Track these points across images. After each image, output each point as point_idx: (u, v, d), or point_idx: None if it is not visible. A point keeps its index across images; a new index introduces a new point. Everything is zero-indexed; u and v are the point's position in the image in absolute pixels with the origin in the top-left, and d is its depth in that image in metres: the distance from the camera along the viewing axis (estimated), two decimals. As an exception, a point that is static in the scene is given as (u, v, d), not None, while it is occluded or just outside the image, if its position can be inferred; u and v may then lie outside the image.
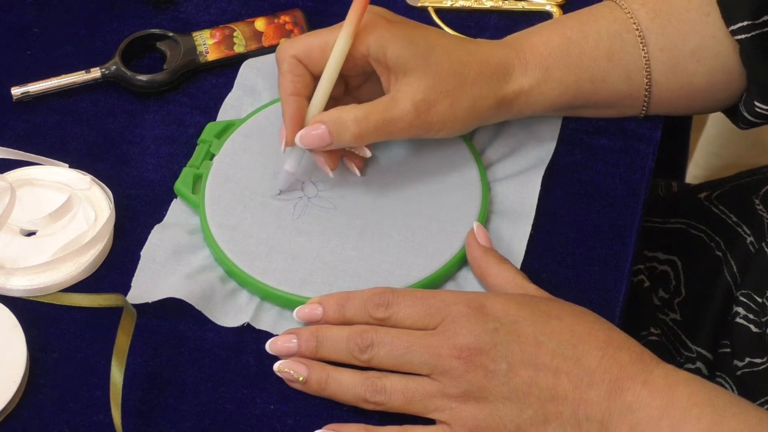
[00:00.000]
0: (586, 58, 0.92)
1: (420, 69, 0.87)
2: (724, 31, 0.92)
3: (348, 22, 0.86)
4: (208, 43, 1.00)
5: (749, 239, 1.02)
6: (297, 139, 0.87)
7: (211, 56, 0.99)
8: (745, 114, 0.95)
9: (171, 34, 1.00)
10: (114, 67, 0.98)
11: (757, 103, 0.93)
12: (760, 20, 0.90)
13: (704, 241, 1.06)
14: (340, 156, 0.90)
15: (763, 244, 1.01)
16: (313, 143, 0.86)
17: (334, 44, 0.86)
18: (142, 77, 0.97)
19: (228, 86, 0.98)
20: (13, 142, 0.94)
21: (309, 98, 0.88)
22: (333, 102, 0.89)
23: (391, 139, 0.88)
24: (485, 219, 0.90)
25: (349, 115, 0.86)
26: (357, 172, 0.91)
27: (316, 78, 0.88)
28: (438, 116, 0.87)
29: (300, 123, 0.87)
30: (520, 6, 1.05)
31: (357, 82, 0.92)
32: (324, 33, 0.88)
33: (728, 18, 0.91)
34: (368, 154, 0.90)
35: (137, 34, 1.00)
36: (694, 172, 1.63)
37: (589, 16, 0.94)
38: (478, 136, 0.95)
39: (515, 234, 0.90)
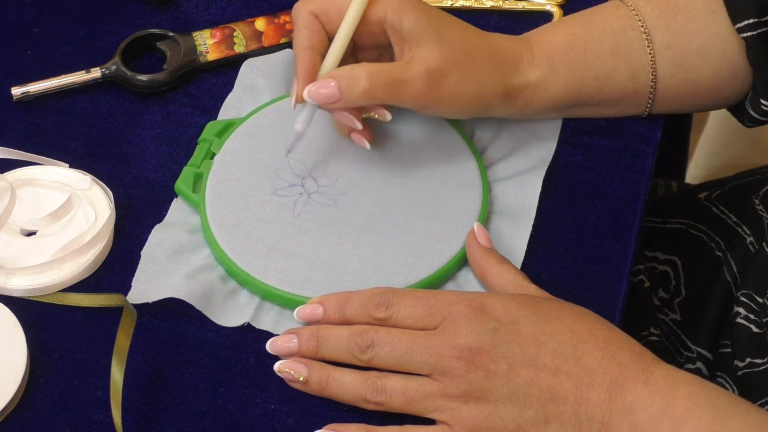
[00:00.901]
0: (591, 55, 0.92)
1: (434, 41, 0.87)
2: (729, 28, 0.92)
3: None
4: (208, 43, 1.00)
5: (749, 239, 1.03)
6: (305, 94, 0.86)
7: (211, 56, 0.99)
8: (751, 112, 0.95)
9: (171, 34, 1.00)
10: (114, 67, 0.98)
11: (763, 101, 0.93)
12: (766, 18, 0.90)
13: (704, 241, 1.06)
14: (370, 128, 0.90)
15: (764, 244, 1.01)
16: (322, 98, 0.86)
17: (350, 3, 0.86)
18: (142, 77, 0.97)
19: (228, 86, 0.98)
20: (13, 142, 0.94)
21: (323, 55, 0.88)
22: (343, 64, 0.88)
23: (399, 103, 0.88)
24: (485, 219, 0.90)
25: (361, 69, 0.86)
26: (366, 144, 0.90)
27: (330, 37, 0.88)
28: (448, 88, 0.87)
29: (312, 78, 0.87)
30: (520, 6, 1.05)
31: (369, 57, 0.91)
32: None
33: (734, 15, 0.91)
34: (388, 116, 0.89)
35: (137, 34, 1.00)
36: (694, 172, 1.63)
37: (595, 14, 0.94)
38: (478, 136, 0.95)
39: (515, 234, 0.90)
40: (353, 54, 0.91)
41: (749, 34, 0.91)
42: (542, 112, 0.94)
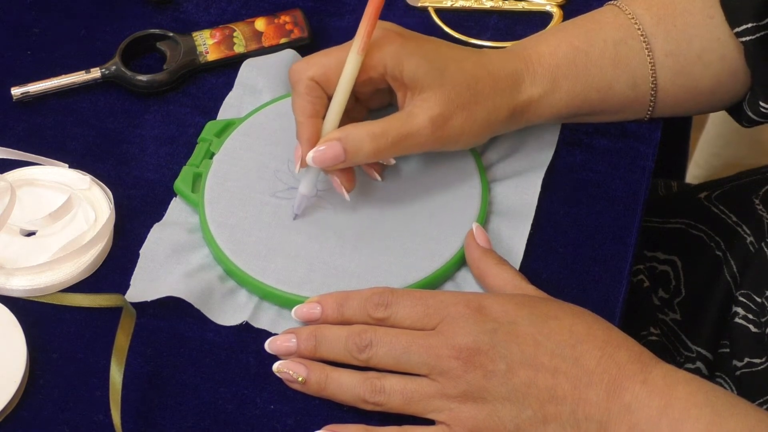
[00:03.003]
0: (592, 67, 0.92)
1: (435, 85, 0.87)
2: (728, 33, 0.92)
3: (358, 38, 0.85)
4: (208, 43, 1.00)
5: (749, 239, 1.03)
6: (309, 159, 0.85)
7: (211, 56, 0.99)
8: (750, 113, 0.95)
9: (171, 34, 1.00)
10: (114, 67, 0.98)
11: (761, 103, 0.93)
12: (765, 21, 0.90)
13: (704, 241, 1.06)
14: (354, 176, 0.89)
15: (763, 244, 1.01)
16: (327, 161, 0.85)
17: (345, 63, 0.86)
18: (142, 77, 0.97)
19: (228, 86, 0.98)
20: (13, 142, 0.94)
21: (324, 118, 0.88)
22: (345, 114, 0.88)
23: (407, 153, 0.88)
24: (485, 219, 0.90)
25: (365, 131, 0.85)
26: (378, 177, 0.90)
27: (330, 97, 0.88)
28: (454, 130, 0.87)
29: (315, 144, 0.86)
30: (520, 6, 1.05)
31: (367, 95, 0.91)
32: (337, 52, 0.87)
33: (732, 20, 0.91)
34: (392, 161, 0.89)
35: (137, 34, 1.00)
36: (694, 172, 1.63)
37: (594, 23, 0.94)
38: (478, 136, 0.96)
39: (515, 234, 0.90)
40: (357, 101, 0.91)
41: (748, 38, 0.91)
42: (545, 122, 0.94)
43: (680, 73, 0.93)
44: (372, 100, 0.92)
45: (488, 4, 1.05)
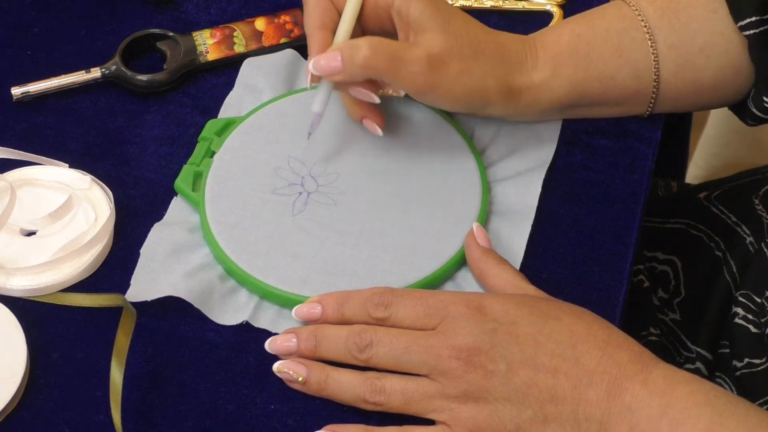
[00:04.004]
0: (594, 56, 0.92)
1: (439, 30, 0.87)
2: (732, 27, 0.92)
3: None
4: (208, 43, 1.00)
5: (749, 239, 1.03)
6: (310, 65, 0.86)
7: (211, 56, 0.99)
8: (754, 109, 0.95)
9: (171, 34, 1.00)
10: (114, 67, 0.98)
11: (765, 98, 0.93)
12: None
13: (704, 241, 1.06)
14: (381, 113, 0.90)
15: (763, 245, 1.01)
16: (325, 69, 0.86)
17: None
18: (142, 77, 0.97)
19: (228, 86, 0.98)
20: (13, 142, 0.94)
21: (334, 32, 0.89)
22: None
23: (398, 82, 0.87)
24: (485, 219, 0.90)
25: (364, 40, 0.86)
26: (379, 131, 0.91)
27: (341, 14, 0.89)
28: (449, 77, 0.88)
29: None
30: (520, 6, 1.05)
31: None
32: None
33: (736, 14, 0.91)
34: (402, 93, 0.89)
35: (137, 34, 1.00)
36: (694, 172, 1.63)
37: (598, 14, 0.95)
38: (478, 136, 0.95)
39: (515, 234, 0.90)
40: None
41: (752, 32, 0.91)
42: (543, 113, 0.94)
43: (683, 66, 0.93)
44: None
45: (488, 4, 1.05)
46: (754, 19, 0.91)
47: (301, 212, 0.89)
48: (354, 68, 0.86)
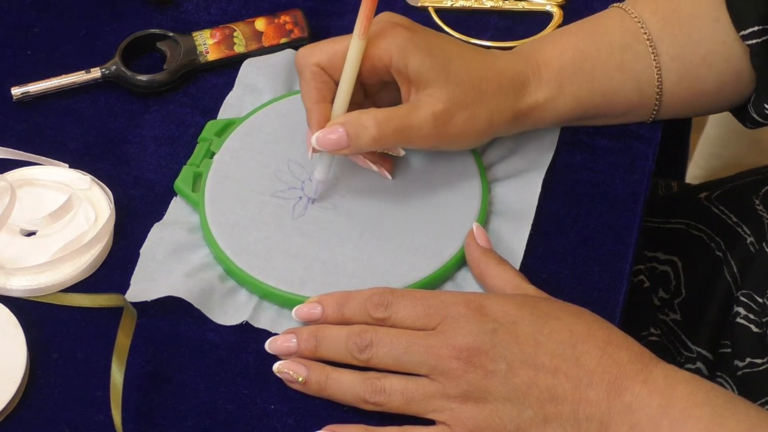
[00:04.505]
0: (598, 72, 0.92)
1: (440, 81, 0.87)
2: (734, 36, 0.92)
3: (358, 22, 0.85)
4: (208, 43, 1.00)
5: (749, 239, 1.03)
6: (313, 141, 0.86)
7: (211, 56, 0.99)
8: (754, 115, 0.95)
9: (171, 34, 1.00)
10: (114, 67, 0.98)
11: (767, 105, 0.93)
12: None
13: (704, 242, 1.06)
14: (390, 159, 0.90)
15: (764, 245, 1.01)
16: (330, 145, 0.86)
17: (348, 52, 0.86)
18: (142, 77, 0.97)
19: (228, 86, 0.98)
20: (13, 142, 0.94)
21: (332, 102, 0.88)
22: (354, 107, 0.88)
23: (409, 146, 0.88)
24: (485, 219, 0.90)
25: (369, 117, 0.86)
26: (388, 176, 0.91)
27: (337, 83, 0.88)
28: (456, 128, 0.87)
29: None
30: (520, 6, 1.05)
31: (375, 89, 0.91)
32: (342, 39, 0.87)
33: (738, 23, 0.91)
34: (401, 152, 0.89)
35: (137, 34, 1.00)
36: (694, 172, 1.63)
37: (600, 27, 0.94)
38: (478, 136, 0.96)
39: (515, 234, 0.90)
40: (366, 97, 0.91)
41: (754, 41, 0.91)
42: (547, 126, 0.94)
43: (685, 77, 0.93)
44: (380, 97, 0.92)
45: (488, 4, 1.05)
46: (756, 28, 0.91)
47: (301, 216, 0.89)
48: (361, 146, 0.86)
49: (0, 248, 0.88)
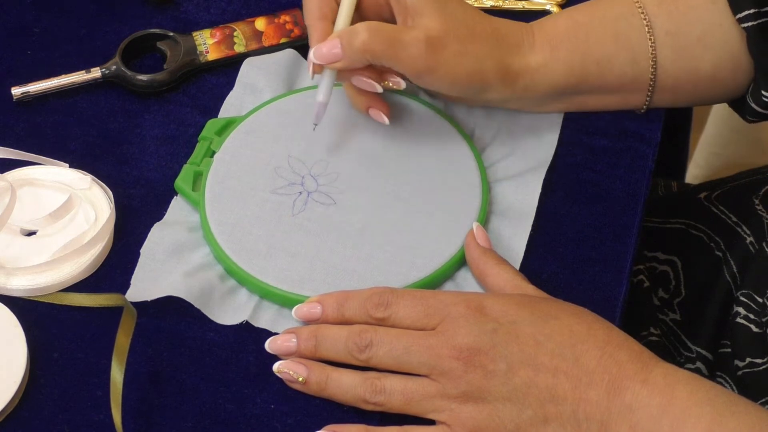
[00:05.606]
0: (591, 40, 0.92)
1: (436, 13, 0.88)
2: (731, 19, 0.92)
3: None
4: (208, 43, 1.00)
5: (749, 239, 1.03)
6: (311, 54, 0.87)
7: (212, 56, 0.99)
8: (753, 104, 0.94)
9: (171, 34, 1.00)
10: (114, 67, 0.98)
11: (764, 92, 0.93)
12: (766, 8, 0.90)
13: (704, 241, 1.06)
14: (385, 102, 0.91)
15: (764, 244, 1.01)
16: (326, 57, 0.87)
17: None
18: (142, 77, 0.97)
19: (228, 86, 0.98)
20: (13, 142, 0.94)
21: (334, 22, 0.89)
22: None
23: (397, 64, 0.88)
24: (485, 219, 0.90)
25: (362, 24, 0.87)
26: (385, 119, 0.91)
27: (339, 4, 0.90)
28: (446, 58, 0.88)
29: None
30: (520, 6, 1.05)
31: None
32: None
33: (734, 6, 0.92)
34: (402, 84, 0.90)
35: (137, 34, 1.00)
36: (694, 172, 1.63)
37: (597, 2, 0.95)
38: (478, 135, 0.95)
39: (515, 234, 0.90)
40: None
41: (750, 24, 0.91)
42: (541, 98, 0.94)
43: (681, 54, 0.93)
44: None
45: (488, 4, 1.05)
46: (752, 11, 0.91)
47: (302, 212, 0.89)
48: (353, 53, 0.87)
49: (0, 248, 0.88)
